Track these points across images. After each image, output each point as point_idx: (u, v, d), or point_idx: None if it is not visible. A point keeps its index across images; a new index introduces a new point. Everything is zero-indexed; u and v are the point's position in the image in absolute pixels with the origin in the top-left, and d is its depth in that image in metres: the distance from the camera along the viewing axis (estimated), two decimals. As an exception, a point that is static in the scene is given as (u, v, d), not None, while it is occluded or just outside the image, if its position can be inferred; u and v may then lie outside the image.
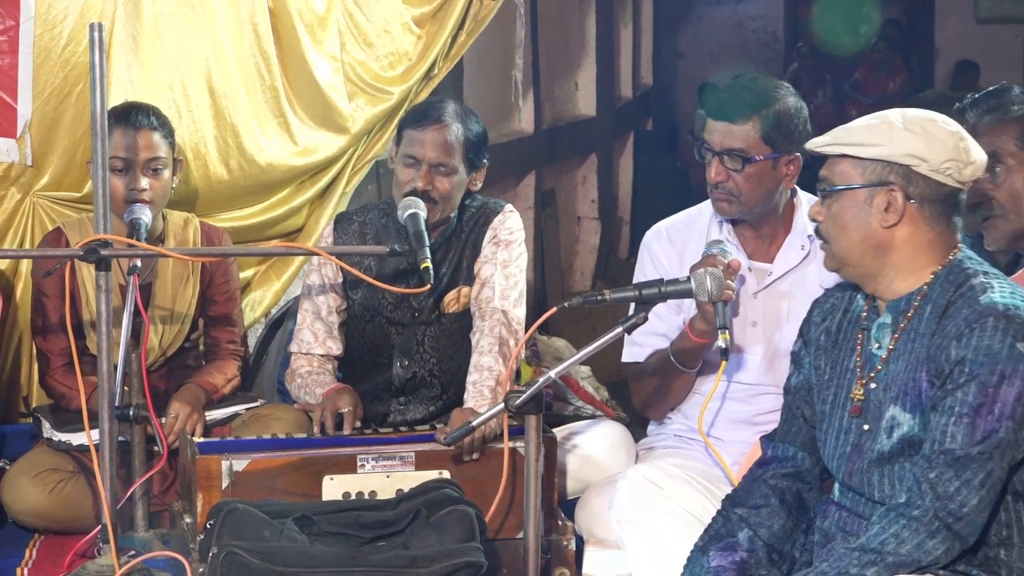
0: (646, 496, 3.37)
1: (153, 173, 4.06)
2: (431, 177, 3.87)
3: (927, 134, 2.89)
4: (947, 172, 2.89)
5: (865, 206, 2.92)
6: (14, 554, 3.89)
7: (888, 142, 2.89)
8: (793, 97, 3.66)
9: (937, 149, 2.88)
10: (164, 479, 4.02)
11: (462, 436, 3.33)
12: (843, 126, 2.99)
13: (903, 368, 2.91)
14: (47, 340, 4.15)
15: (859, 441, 2.98)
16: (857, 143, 2.92)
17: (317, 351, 4.03)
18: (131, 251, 3.68)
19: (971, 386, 2.76)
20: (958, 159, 2.89)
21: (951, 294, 2.86)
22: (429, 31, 4.97)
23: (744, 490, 3.16)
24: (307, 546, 3.12)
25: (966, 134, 2.93)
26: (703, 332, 3.54)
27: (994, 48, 14.18)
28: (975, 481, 2.75)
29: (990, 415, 2.75)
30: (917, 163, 2.88)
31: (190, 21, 4.45)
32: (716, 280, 3.37)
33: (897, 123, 2.91)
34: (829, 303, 3.15)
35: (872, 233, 2.93)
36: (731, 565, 3.02)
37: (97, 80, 3.49)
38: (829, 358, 3.09)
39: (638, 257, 3.93)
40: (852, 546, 2.81)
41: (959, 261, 2.93)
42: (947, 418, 2.78)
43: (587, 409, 4.86)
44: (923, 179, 2.89)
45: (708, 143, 3.64)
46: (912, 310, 2.92)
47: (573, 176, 9.38)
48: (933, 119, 2.93)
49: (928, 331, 2.87)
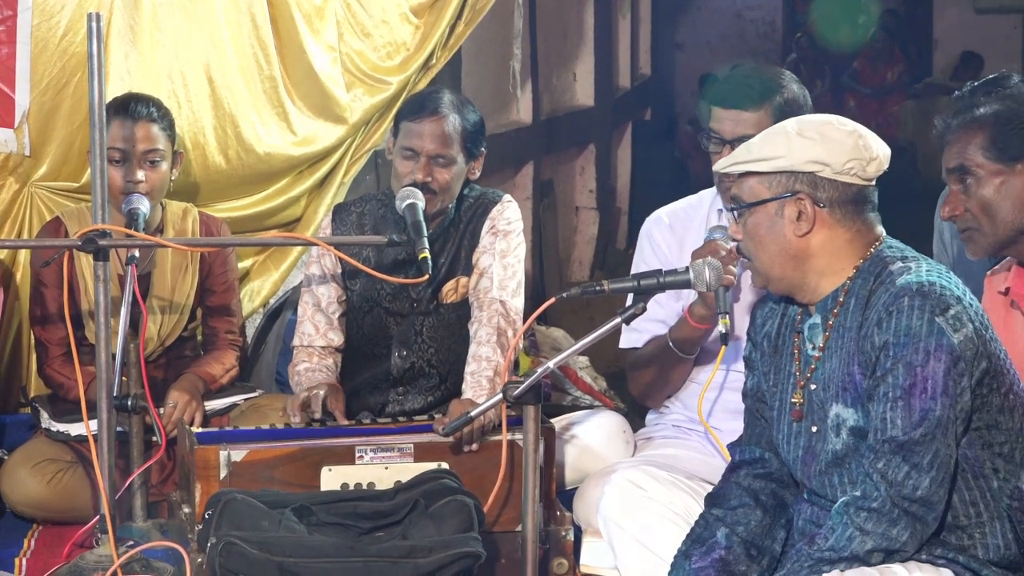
0: (631, 499, 3.37)
1: (150, 165, 4.05)
2: (430, 169, 3.87)
3: (824, 138, 2.90)
4: (852, 172, 2.90)
5: (777, 218, 2.94)
6: (12, 544, 3.89)
7: (787, 152, 2.91)
8: (796, 84, 3.68)
9: (837, 151, 2.90)
10: (162, 469, 4.03)
11: (460, 427, 3.33)
12: (745, 144, 3.03)
13: (837, 365, 2.92)
14: (46, 330, 4.15)
15: (810, 444, 2.99)
16: (758, 158, 2.94)
17: (319, 343, 4.03)
18: (129, 241, 3.68)
19: (898, 368, 2.78)
20: (859, 157, 2.90)
21: (872, 283, 2.89)
22: (427, 21, 4.96)
23: (721, 492, 3.17)
24: (305, 536, 3.12)
25: (864, 131, 2.95)
26: (703, 318, 3.55)
27: (993, 38, 14.17)
28: (923, 463, 2.77)
29: (923, 394, 2.76)
30: (820, 168, 2.90)
31: (188, 11, 4.45)
32: (715, 271, 3.37)
33: (793, 132, 2.93)
34: (768, 307, 3.16)
35: (788, 244, 2.94)
36: (711, 564, 3.04)
37: (95, 70, 3.48)
38: (772, 364, 3.11)
39: (637, 244, 3.93)
40: (821, 548, 2.82)
41: (879, 251, 2.94)
42: (883, 405, 2.80)
43: (585, 399, 4.85)
44: (829, 183, 2.91)
45: (718, 132, 3.63)
46: (838, 306, 2.94)
47: (571, 166, 9.37)
48: (828, 121, 2.95)
49: (855, 324, 2.89)
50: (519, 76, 6.05)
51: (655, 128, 12.45)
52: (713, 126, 3.66)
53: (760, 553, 3.07)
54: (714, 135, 3.65)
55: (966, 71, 13.52)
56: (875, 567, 2.80)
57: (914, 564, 2.83)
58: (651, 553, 3.30)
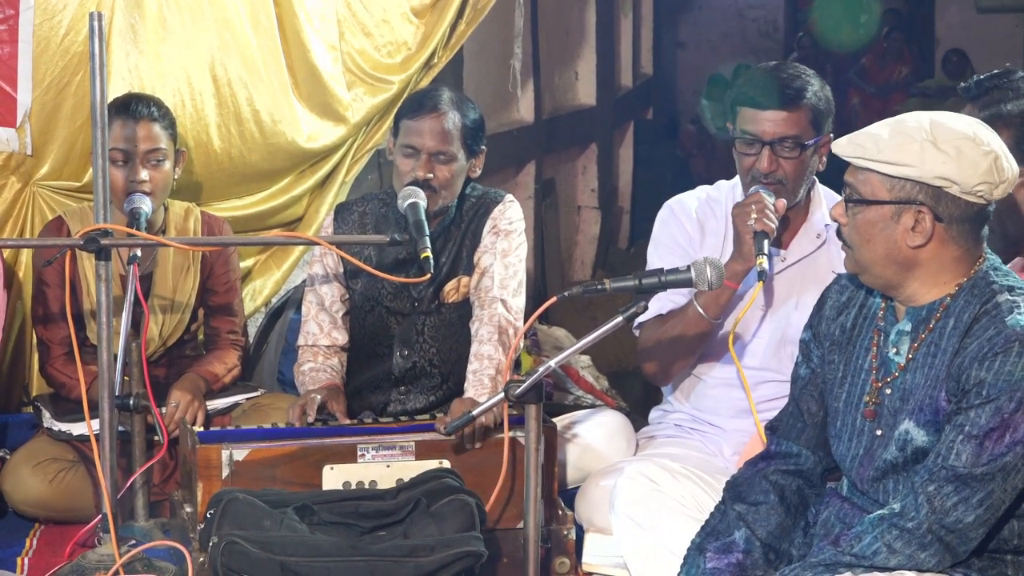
0: (643, 492, 3.37)
1: (153, 165, 4.05)
2: (431, 166, 3.87)
3: (960, 156, 2.77)
4: (979, 194, 2.79)
5: (892, 222, 2.84)
6: (15, 543, 3.89)
7: (919, 163, 2.78)
8: (819, 80, 3.69)
9: (970, 172, 2.77)
10: (164, 468, 4.03)
11: (462, 425, 3.33)
12: (870, 134, 2.86)
13: (921, 382, 2.86)
14: (48, 329, 4.15)
15: (871, 445, 2.93)
16: (886, 160, 2.81)
17: (323, 342, 4.03)
18: (131, 240, 3.68)
19: (986, 408, 2.72)
20: (991, 180, 2.79)
21: (976, 310, 2.80)
22: (428, 20, 4.96)
23: (745, 482, 3.12)
24: (307, 535, 3.12)
25: (1002, 149, 2.82)
26: (736, 274, 3.55)
27: (995, 37, 14.15)
28: (973, 499, 2.73)
29: (1000, 440, 2.71)
30: (948, 185, 2.79)
31: (193, 10, 4.45)
32: (716, 270, 3.37)
33: (929, 142, 2.79)
34: (845, 296, 3.07)
35: (897, 250, 2.85)
36: (727, 568, 3.01)
37: (97, 69, 3.49)
38: (843, 355, 3.02)
39: (654, 229, 3.89)
40: (844, 551, 2.79)
41: (984, 273, 2.85)
42: (956, 434, 2.74)
43: (587, 398, 4.85)
44: (953, 200, 2.80)
45: (754, 133, 3.62)
46: (933, 321, 2.86)
47: (573, 166, 9.36)
48: (968, 136, 2.80)
49: (950, 348, 2.81)
50: (520, 75, 6.03)
51: (657, 127, 12.44)
52: (748, 128, 3.62)
53: (778, 557, 3.04)
54: (749, 136, 3.63)
55: (952, 68, 13.54)
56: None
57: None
58: (664, 547, 3.29)
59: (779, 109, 3.60)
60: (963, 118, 2.88)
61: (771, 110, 3.61)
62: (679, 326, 3.70)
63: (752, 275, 3.57)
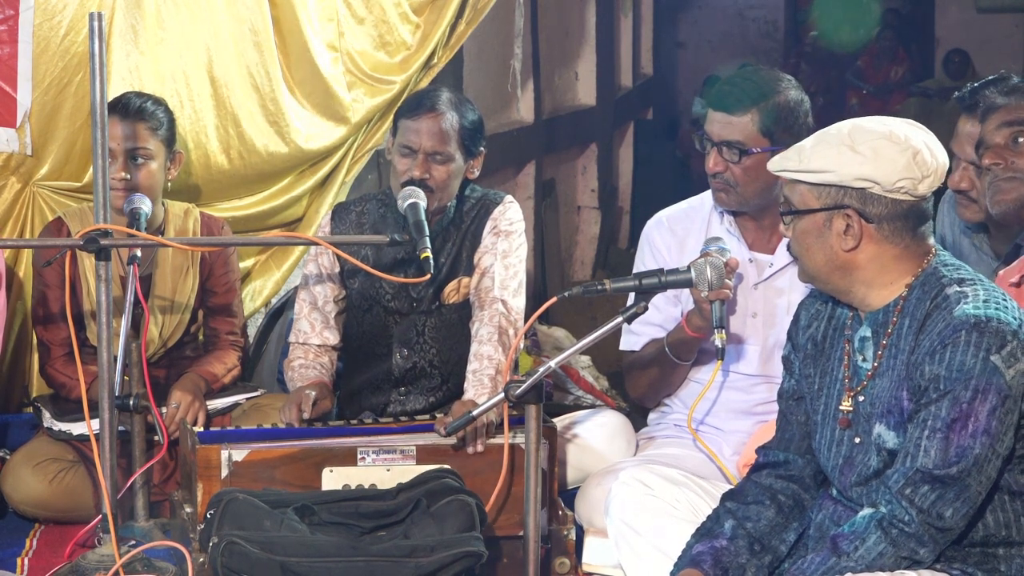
0: (639, 498, 3.37)
1: (135, 163, 4.04)
2: (427, 165, 3.87)
3: (878, 155, 2.83)
4: (903, 190, 2.84)
5: (825, 229, 2.89)
6: (15, 544, 3.90)
7: (838, 167, 2.85)
8: (795, 90, 3.65)
9: (888, 170, 2.82)
10: (164, 469, 4.03)
11: (462, 426, 3.33)
12: (796, 147, 2.94)
13: (887, 386, 2.89)
14: (48, 330, 4.15)
15: (851, 454, 2.96)
16: (808, 169, 2.88)
17: (314, 341, 4.03)
18: (131, 241, 3.68)
19: (944, 402, 2.74)
20: (912, 176, 2.83)
21: (927, 306, 2.83)
22: (428, 20, 4.96)
23: (739, 489, 3.16)
24: (307, 536, 3.12)
25: (924, 144, 2.86)
26: (699, 328, 3.55)
27: (994, 37, 14.15)
28: (949, 495, 2.75)
29: (964, 431, 2.73)
30: (870, 185, 2.83)
31: (191, 10, 4.45)
32: (716, 270, 3.38)
33: (845, 145, 2.85)
34: (814, 308, 3.11)
35: (835, 255, 2.90)
36: (709, 550, 3.02)
37: (97, 70, 3.49)
38: (817, 367, 3.06)
39: (638, 246, 3.93)
40: (850, 556, 2.79)
41: (934, 269, 2.89)
42: (920, 431, 2.77)
43: (587, 399, 4.85)
44: (878, 199, 2.85)
45: (708, 134, 3.64)
46: (891, 325, 2.90)
47: (573, 166, 9.36)
48: (885, 135, 2.85)
49: (907, 347, 2.84)
50: (520, 75, 6.04)
51: (657, 127, 12.43)
52: (706, 127, 3.66)
53: (764, 549, 3.04)
54: (705, 136, 3.65)
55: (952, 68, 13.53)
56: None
57: (928, 573, 2.82)
58: (659, 551, 3.29)
59: (725, 112, 3.61)
60: (887, 120, 2.93)
61: (719, 112, 3.62)
62: (655, 362, 3.75)
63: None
